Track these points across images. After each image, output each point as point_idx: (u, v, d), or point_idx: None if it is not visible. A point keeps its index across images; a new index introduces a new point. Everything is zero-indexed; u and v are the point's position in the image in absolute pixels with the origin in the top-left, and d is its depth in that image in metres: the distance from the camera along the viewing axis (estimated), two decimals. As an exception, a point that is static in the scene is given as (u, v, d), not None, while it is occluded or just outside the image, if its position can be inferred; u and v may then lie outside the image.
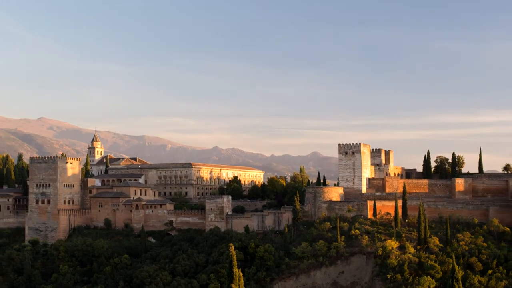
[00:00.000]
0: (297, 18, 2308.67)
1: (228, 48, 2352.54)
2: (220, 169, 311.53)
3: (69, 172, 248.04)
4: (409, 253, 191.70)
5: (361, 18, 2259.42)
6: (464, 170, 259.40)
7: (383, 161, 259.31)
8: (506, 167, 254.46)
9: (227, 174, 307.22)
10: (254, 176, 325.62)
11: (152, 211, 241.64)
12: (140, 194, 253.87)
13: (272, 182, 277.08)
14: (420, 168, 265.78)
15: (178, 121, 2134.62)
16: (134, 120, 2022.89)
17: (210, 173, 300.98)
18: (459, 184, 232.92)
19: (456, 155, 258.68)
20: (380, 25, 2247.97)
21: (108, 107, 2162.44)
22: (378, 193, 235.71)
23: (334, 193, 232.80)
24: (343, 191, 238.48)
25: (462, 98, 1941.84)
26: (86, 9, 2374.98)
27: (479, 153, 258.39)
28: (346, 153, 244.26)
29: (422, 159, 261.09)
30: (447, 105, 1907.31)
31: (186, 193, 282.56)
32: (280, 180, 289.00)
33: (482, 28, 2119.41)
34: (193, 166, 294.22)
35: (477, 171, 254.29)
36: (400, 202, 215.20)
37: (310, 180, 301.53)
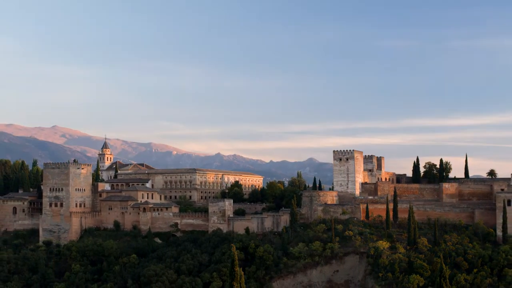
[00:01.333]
0: (261, 19, 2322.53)
1: (196, 53, 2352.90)
2: (222, 174, 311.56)
3: (81, 177, 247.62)
4: (400, 253, 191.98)
5: (324, 17, 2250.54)
6: (451, 175, 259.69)
7: (375, 167, 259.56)
8: (491, 172, 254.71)
9: (229, 179, 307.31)
10: (254, 181, 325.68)
11: (159, 214, 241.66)
12: (147, 198, 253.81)
13: (271, 186, 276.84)
14: (410, 173, 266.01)
15: (166, 125, 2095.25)
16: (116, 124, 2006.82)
17: (213, 178, 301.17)
18: (447, 188, 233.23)
19: (444, 160, 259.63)
20: (348, 25, 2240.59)
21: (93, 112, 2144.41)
22: (370, 197, 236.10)
23: (329, 197, 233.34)
24: (338, 195, 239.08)
25: (441, 101, 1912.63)
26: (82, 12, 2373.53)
27: (465, 158, 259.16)
28: (341, 159, 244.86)
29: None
30: (427, 108, 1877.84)
31: (190, 197, 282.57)
32: (279, 184, 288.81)
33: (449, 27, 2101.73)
34: (197, 172, 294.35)
35: (463, 176, 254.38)
36: (391, 205, 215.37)
37: (307, 185, 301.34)
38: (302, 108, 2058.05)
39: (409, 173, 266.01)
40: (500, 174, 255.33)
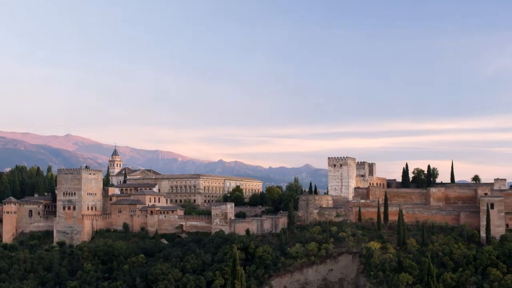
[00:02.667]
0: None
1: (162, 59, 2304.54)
2: (224, 180, 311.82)
3: (92, 182, 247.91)
4: (390, 253, 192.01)
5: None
6: (438, 180, 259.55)
7: (367, 173, 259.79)
8: (475, 178, 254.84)
9: (231, 184, 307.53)
10: (254, 186, 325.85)
11: (165, 216, 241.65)
12: (154, 201, 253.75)
13: (269, 191, 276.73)
14: (399, 178, 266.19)
15: (152, 131, 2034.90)
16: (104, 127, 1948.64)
17: (215, 183, 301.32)
18: (434, 192, 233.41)
19: (431, 166, 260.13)
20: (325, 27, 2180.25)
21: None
22: (362, 201, 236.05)
23: (324, 201, 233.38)
24: (332, 198, 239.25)
25: (423, 105, 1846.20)
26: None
27: (451, 164, 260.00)
28: (335, 166, 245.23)
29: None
30: (410, 112, 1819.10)
31: (194, 201, 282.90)
32: (277, 189, 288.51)
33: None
34: (200, 177, 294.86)
35: (449, 181, 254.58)
36: (382, 209, 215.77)
37: (303, 189, 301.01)
38: (284, 113, 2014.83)
39: (399, 178, 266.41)
40: (483, 178, 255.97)
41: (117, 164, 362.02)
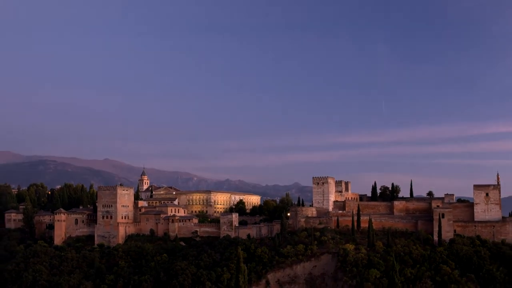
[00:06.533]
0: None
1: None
2: (230, 195, 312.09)
3: (125, 197, 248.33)
4: (362, 253, 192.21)
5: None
6: (400, 195, 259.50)
7: (344, 189, 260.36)
8: (429, 193, 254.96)
9: (235, 198, 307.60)
10: (253, 199, 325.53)
11: (183, 224, 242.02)
12: (175, 212, 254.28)
13: (266, 203, 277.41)
14: (369, 194, 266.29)
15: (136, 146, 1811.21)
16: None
17: (223, 197, 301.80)
18: (397, 205, 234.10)
19: (394, 184, 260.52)
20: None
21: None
22: (340, 211, 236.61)
23: (309, 211, 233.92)
24: (316, 210, 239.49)
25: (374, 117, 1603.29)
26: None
27: (410, 182, 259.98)
28: (318, 183, 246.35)
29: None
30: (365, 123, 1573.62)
31: (206, 211, 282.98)
32: (272, 202, 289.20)
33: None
34: (211, 193, 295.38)
35: (409, 195, 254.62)
36: (355, 218, 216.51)
37: (293, 202, 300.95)
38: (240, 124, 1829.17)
39: (369, 194, 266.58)
40: (435, 191, 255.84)
41: (145, 182, 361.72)
